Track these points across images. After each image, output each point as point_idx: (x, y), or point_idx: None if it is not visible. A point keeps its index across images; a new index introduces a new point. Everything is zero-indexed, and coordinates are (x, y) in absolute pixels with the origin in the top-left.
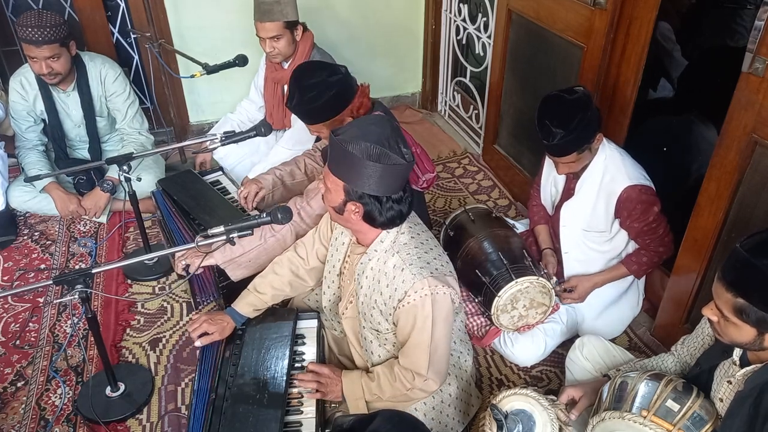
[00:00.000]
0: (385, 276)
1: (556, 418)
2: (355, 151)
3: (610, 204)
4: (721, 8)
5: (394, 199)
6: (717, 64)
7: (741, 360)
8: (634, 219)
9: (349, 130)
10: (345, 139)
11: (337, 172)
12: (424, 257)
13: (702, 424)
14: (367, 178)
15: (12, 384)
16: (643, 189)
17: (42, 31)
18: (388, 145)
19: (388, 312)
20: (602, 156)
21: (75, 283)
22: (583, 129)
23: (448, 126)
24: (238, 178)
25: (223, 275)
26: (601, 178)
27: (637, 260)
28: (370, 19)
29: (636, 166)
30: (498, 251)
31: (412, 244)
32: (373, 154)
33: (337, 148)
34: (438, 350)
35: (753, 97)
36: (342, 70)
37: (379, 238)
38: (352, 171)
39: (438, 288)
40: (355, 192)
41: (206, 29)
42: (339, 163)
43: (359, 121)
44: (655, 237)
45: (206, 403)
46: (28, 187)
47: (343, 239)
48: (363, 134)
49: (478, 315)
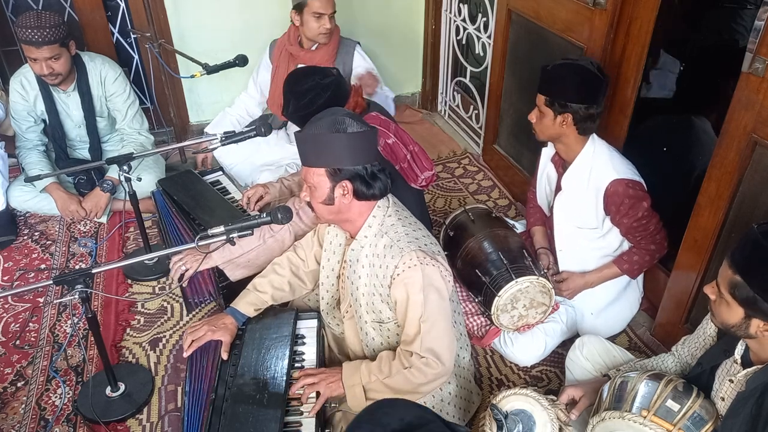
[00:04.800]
0: (378, 258)
1: (556, 418)
2: (317, 130)
3: (598, 199)
4: (721, 8)
5: (375, 169)
6: (716, 64)
7: (743, 359)
8: (623, 215)
9: (307, 124)
10: (305, 130)
11: (312, 161)
12: (412, 234)
13: (702, 424)
14: (339, 151)
15: (12, 384)
16: (630, 183)
17: (41, 32)
18: (344, 120)
19: (386, 293)
20: (590, 150)
21: (75, 283)
22: (586, 78)
23: (448, 126)
24: (238, 176)
25: (222, 275)
26: (589, 172)
27: (628, 259)
28: (370, 19)
29: (624, 162)
30: (498, 251)
31: (399, 224)
32: (333, 128)
33: (302, 139)
34: (435, 326)
35: (753, 97)
36: (334, 72)
37: (367, 223)
38: (324, 152)
39: (426, 259)
40: (337, 172)
41: (206, 29)
42: (310, 152)
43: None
44: (646, 234)
45: (201, 406)
46: (28, 187)
47: (339, 240)
48: (318, 119)
49: (478, 315)
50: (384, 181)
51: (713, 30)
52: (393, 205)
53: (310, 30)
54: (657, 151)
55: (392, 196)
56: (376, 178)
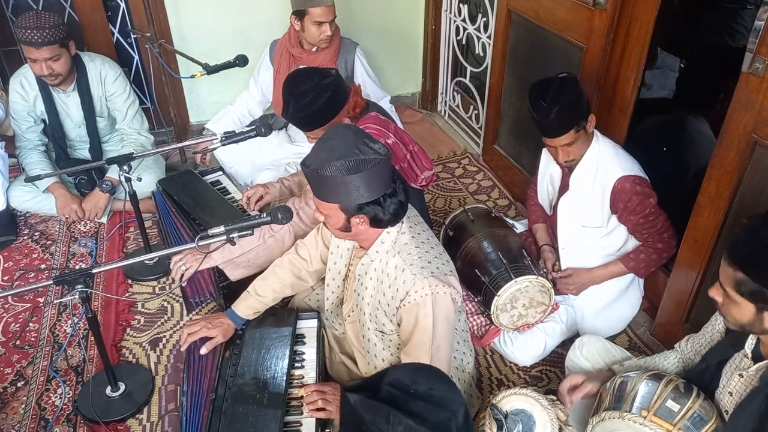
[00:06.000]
0: (387, 277)
1: (556, 418)
2: (332, 173)
3: (605, 197)
4: (721, 8)
5: (389, 194)
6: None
7: (753, 353)
8: (631, 211)
9: (315, 156)
10: (316, 166)
11: (326, 197)
12: (425, 257)
13: (702, 425)
14: (355, 190)
15: (12, 384)
16: (637, 179)
17: (41, 33)
18: (359, 150)
19: (391, 313)
20: (595, 148)
21: (75, 283)
22: (576, 102)
23: (448, 126)
24: (238, 176)
25: (222, 275)
26: (595, 170)
27: (634, 257)
28: (370, 19)
29: (630, 158)
30: (497, 251)
31: (412, 244)
32: (351, 167)
33: (314, 177)
34: (440, 350)
35: (753, 97)
36: (332, 72)
37: (380, 239)
38: (340, 191)
39: (438, 288)
40: (352, 207)
41: (206, 29)
42: (323, 189)
43: (320, 143)
44: (653, 231)
45: (200, 406)
46: (28, 187)
47: (347, 244)
48: (330, 154)
49: (478, 314)
50: (398, 203)
51: (713, 30)
52: (407, 220)
53: (311, 36)
54: (657, 151)
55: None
56: (393, 202)
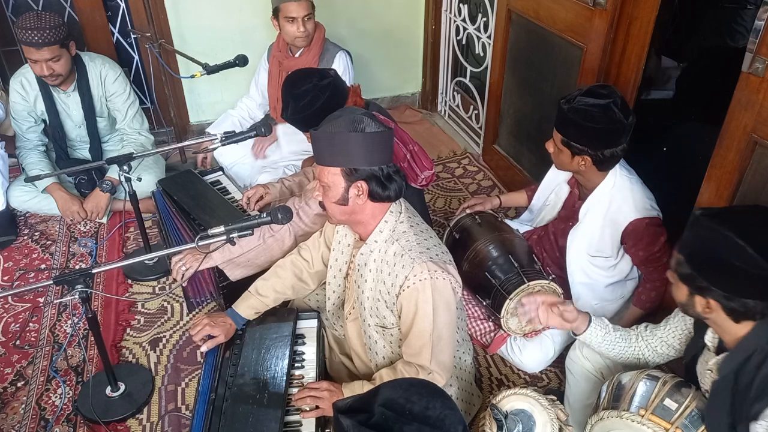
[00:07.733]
0: (387, 265)
1: (556, 418)
2: (335, 129)
3: (615, 232)
4: (721, 8)
5: (390, 170)
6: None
7: (718, 348)
8: (640, 248)
9: (323, 122)
10: (322, 126)
11: (327, 160)
12: (424, 243)
13: (700, 422)
14: (356, 151)
15: (12, 384)
16: (650, 222)
17: (41, 33)
18: (364, 119)
19: (392, 302)
20: (610, 183)
21: (75, 283)
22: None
23: (448, 126)
24: (238, 176)
25: (222, 275)
26: (608, 207)
27: (646, 298)
28: (370, 19)
29: (644, 194)
30: (508, 254)
31: (411, 232)
32: (351, 127)
33: (319, 137)
34: (441, 340)
35: (753, 97)
36: (331, 73)
37: (378, 228)
38: (340, 151)
39: (437, 273)
40: (352, 172)
41: (206, 29)
42: (325, 151)
43: (329, 118)
44: (659, 266)
45: (207, 403)
46: (28, 187)
47: (348, 240)
48: (335, 117)
49: (483, 320)
50: (399, 183)
51: (713, 30)
52: (405, 210)
53: (287, 35)
54: (657, 151)
55: (404, 201)
56: (391, 179)
